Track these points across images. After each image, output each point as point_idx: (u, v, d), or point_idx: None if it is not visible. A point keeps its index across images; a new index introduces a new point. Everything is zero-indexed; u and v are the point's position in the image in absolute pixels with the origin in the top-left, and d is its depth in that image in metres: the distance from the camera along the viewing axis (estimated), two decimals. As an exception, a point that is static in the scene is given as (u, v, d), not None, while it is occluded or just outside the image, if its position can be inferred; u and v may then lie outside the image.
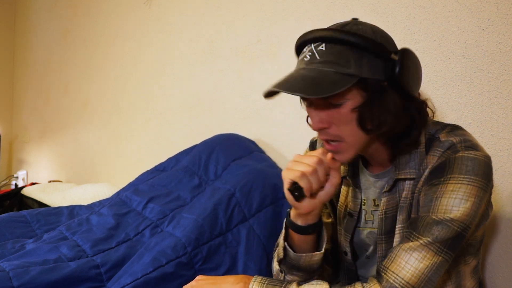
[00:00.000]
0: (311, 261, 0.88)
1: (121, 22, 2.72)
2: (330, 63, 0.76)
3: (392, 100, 0.78)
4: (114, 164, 2.83)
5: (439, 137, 0.82)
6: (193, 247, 1.27)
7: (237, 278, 0.85)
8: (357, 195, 0.94)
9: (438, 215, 0.76)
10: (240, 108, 1.88)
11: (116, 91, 2.79)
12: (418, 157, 0.83)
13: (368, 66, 0.76)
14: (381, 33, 0.80)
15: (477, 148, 0.79)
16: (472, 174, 0.76)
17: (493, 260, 1.13)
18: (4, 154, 4.01)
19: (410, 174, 0.84)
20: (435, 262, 0.74)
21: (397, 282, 0.74)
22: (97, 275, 1.21)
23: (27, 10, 3.93)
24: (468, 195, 0.75)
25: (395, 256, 0.77)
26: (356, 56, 0.75)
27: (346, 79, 0.75)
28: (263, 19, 1.79)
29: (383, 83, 0.77)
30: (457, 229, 0.75)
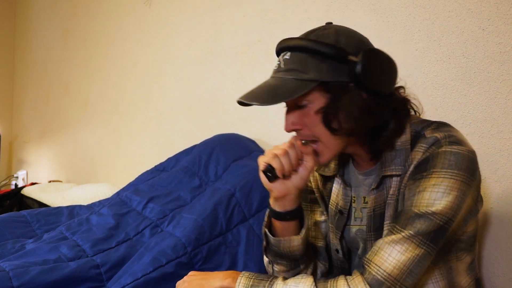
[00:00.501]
0: (291, 246, 0.91)
1: (121, 22, 2.72)
2: (292, 70, 0.80)
3: (358, 100, 0.80)
4: (114, 164, 2.83)
5: (424, 134, 0.83)
6: (193, 247, 1.27)
7: (226, 273, 0.88)
8: (347, 193, 0.95)
9: (420, 209, 0.77)
10: (240, 108, 1.87)
11: (116, 91, 2.80)
12: (404, 153, 0.84)
13: (328, 70, 0.78)
14: (347, 36, 0.81)
15: (461, 143, 0.80)
16: (455, 168, 0.77)
17: (493, 259, 1.13)
18: (4, 154, 4.01)
19: (396, 171, 0.85)
20: (417, 254, 0.75)
21: (379, 274, 0.76)
22: (97, 275, 1.21)
23: (27, 10, 3.93)
24: (450, 188, 0.76)
25: (378, 249, 0.78)
26: (316, 62, 0.79)
27: (304, 85, 0.78)
28: (263, 19, 1.79)
29: (347, 85, 0.79)
30: (439, 222, 0.76)
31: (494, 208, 1.12)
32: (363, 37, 0.84)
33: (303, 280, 0.81)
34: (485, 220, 1.13)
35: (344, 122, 0.80)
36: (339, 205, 0.97)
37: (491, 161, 1.12)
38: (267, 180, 0.86)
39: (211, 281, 0.87)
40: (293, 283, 0.81)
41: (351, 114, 0.79)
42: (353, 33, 0.83)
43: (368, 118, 0.81)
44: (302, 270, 0.96)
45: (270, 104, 0.79)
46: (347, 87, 0.79)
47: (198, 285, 0.88)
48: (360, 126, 0.81)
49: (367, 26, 1.38)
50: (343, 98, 0.79)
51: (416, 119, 0.88)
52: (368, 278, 0.76)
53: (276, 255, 0.94)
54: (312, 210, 1.04)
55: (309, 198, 1.04)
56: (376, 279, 0.76)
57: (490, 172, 1.12)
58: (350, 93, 0.79)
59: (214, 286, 0.86)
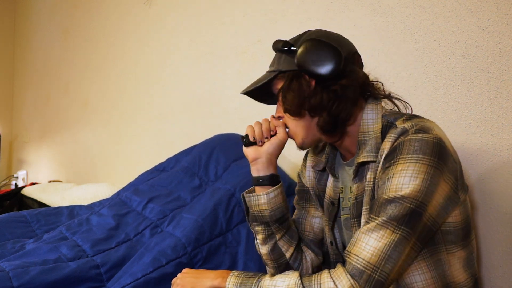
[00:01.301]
0: (260, 204, 1.01)
1: (121, 22, 2.72)
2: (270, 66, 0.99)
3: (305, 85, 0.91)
4: (114, 164, 2.83)
5: (395, 124, 0.88)
6: (193, 247, 1.27)
7: (217, 273, 0.91)
8: (336, 184, 1.02)
9: (389, 195, 0.80)
10: (240, 108, 1.88)
11: (116, 91, 2.80)
12: (374, 141, 0.89)
13: (284, 62, 0.94)
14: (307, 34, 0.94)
15: (427, 131, 0.83)
16: (420, 153, 0.80)
17: (493, 259, 1.13)
18: (4, 154, 4.01)
19: (368, 157, 0.89)
20: (393, 240, 0.78)
21: (358, 263, 0.78)
22: (97, 275, 1.21)
23: (27, 10, 3.93)
24: (417, 172, 0.79)
25: (356, 240, 0.81)
26: (277, 57, 0.97)
27: (268, 75, 0.97)
28: (263, 19, 1.79)
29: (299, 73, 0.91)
30: (410, 206, 0.78)
31: (494, 208, 1.12)
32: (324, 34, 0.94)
33: (289, 276, 0.85)
34: (485, 220, 1.13)
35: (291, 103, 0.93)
36: (331, 197, 1.03)
37: (491, 161, 1.12)
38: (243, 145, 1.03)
39: (202, 281, 0.90)
40: (280, 278, 0.85)
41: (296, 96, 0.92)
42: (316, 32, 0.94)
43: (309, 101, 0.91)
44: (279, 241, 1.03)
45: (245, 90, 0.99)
46: (298, 74, 0.92)
47: (190, 283, 0.92)
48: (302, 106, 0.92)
49: (367, 26, 1.38)
50: (293, 83, 0.92)
51: (391, 111, 0.94)
52: (349, 269, 0.79)
53: (253, 220, 1.04)
54: (307, 206, 1.12)
55: (305, 197, 1.13)
56: (356, 268, 0.78)
57: (490, 172, 1.12)
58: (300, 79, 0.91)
59: (205, 285, 0.90)
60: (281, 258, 1.05)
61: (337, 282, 0.79)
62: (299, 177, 1.15)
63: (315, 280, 0.81)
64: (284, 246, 1.04)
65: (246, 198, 1.03)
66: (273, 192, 1.00)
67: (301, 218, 1.12)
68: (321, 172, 1.07)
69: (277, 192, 1.01)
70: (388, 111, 0.94)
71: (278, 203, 1.01)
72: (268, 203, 1.00)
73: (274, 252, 1.04)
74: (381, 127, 0.90)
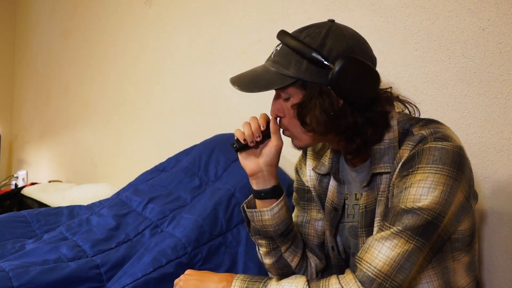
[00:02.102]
0: (263, 220, 0.95)
1: (121, 22, 2.72)
2: (277, 63, 0.85)
3: (331, 103, 0.81)
4: (114, 164, 2.83)
5: (412, 131, 0.84)
6: (193, 247, 1.27)
7: (221, 276, 0.88)
8: (341, 190, 0.97)
9: (407, 205, 0.78)
10: (240, 108, 1.88)
11: (116, 91, 2.80)
12: (392, 151, 0.85)
13: (307, 70, 0.81)
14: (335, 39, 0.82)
15: (447, 139, 0.80)
16: (440, 163, 0.77)
17: (493, 259, 1.12)
18: (4, 154, 4.01)
19: (385, 168, 0.86)
20: (407, 249, 0.76)
21: (370, 271, 0.76)
22: (97, 275, 1.21)
23: (27, 10, 3.93)
24: (436, 183, 0.77)
25: (368, 246, 0.79)
26: (297, 60, 0.82)
27: (282, 80, 0.83)
28: (263, 19, 1.79)
29: (324, 87, 0.81)
30: (427, 217, 0.76)
31: (494, 208, 1.11)
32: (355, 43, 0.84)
33: (297, 280, 0.82)
34: (485, 220, 1.13)
35: (315, 121, 0.83)
36: (334, 202, 0.98)
37: (491, 161, 1.12)
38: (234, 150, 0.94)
39: (207, 284, 0.87)
40: (287, 283, 0.83)
41: (322, 115, 0.82)
42: (344, 37, 0.83)
43: (338, 122, 0.83)
44: (284, 253, 0.99)
45: (248, 91, 0.85)
46: (323, 90, 0.81)
47: (193, 286, 0.88)
48: (330, 128, 0.83)
49: (367, 26, 1.38)
50: (317, 99, 0.82)
51: (405, 116, 0.89)
52: (359, 276, 0.77)
53: (255, 233, 0.98)
54: (309, 208, 1.07)
55: (306, 197, 1.07)
56: (367, 276, 0.76)
57: (490, 172, 1.12)
58: (325, 95, 0.81)
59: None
60: (286, 268, 1.01)
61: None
62: (297, 173, 1.09)
63: (323, 285, 0.79)
64: (290, 257, 1.00)
65: (248, 213, 0.97)
66: (277, 207, 0.95)
67: (305, 222, 1.06)
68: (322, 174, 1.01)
69: (281, 205, 0.95)
70: (401, 116, 0.89)
71: (282, 216, 0.96)
72: (272, 218, 0.95)
73: (279, 263, 1.00)
74: (398, 135, 0.86)
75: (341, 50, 0.81)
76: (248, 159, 0.94)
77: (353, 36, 0.85)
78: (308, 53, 0.80)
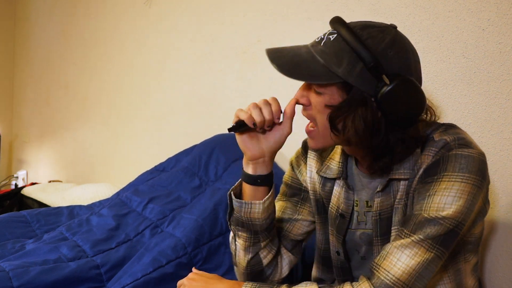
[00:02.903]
0: (252, 213, 0.89)
1: (121, 22, 2.72)
2: (326, 54, 0.78)
3: (370, 116, 0.77)
4: (114, 164, 2.83)
5: (433, 137, 0.82)
6: (193, 247, 1.28)
7: (228, 284, 0.86)
8: (349, 196, 0.92)
9: (430, 213, 0.76)
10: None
11: (116, 91, 2.80)
12: (413, 157, 0.82)
13: (358, 75, 0.76)
14: (398, 51, 0.78)
15: (470, 146, 0.79)
16: (466, 171, 0.76)
17: (493, 259, 1.13)
18: (4, 154, 4.01)
19: (404, 175, 0.83)
20: (427, 258, 0.74)
21: (387, 279, 0.75)
22: (97, 275, 1.21)
23: (27, 10, 3.93)
24: (461, 192, 0.75)
25: (386, 253, 0.77)
26: (351, 60, 0.76)
27: (328, 76, 0.77)
28: (263, 19, 1.79)
29: (368, 97, 0.77)
30: (449, 226, 0.75)
31: (494, 208, 1.12)
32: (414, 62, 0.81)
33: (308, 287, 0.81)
34: (486, 221, 1.13)
35: (347, 129, 0.78)
36: (340, 208, 0.93)
37: (491, 161, 1.11)
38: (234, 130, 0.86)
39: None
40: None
41: (357, 126, 0.77)
42: (406, 52, 0.79)
43: (371, 137, 0.78)
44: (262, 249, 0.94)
45: (288, 76, 0.78)
46: (367, 99, 0.77)
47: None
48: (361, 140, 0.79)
49: (367, 26, 1.38)
50: (357, 107, 0.77)
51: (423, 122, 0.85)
52: (376, 283, 0.75)
53: (238, 224, 0.92)
54: (302, 208, 1.02)
55: (302, 196, 1.02)
56: (384, 284, 0.74)
57: (490, 172, 1.11)
58: (367, 107, 0.77)
59: None
60: (257, 265, 0.95)
61: None
62: (293, 169, 1.03)
63: None
64: (264, 253, 0.95)
65: (236, 203, 0.91)
66: (269, 200, 0.90)
67: (292, 220, 1.01)
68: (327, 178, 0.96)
69: (272, 198, 0.91)
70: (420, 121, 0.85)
71: (271, 210, 0.92)
72: (262, 212, 0.89)
73: (252, 260, 0.95)
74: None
75: (401, 67, 0.78)
76: (250, 143, 0.88)
77: (413, 53, 0.82)
78: (368, 59, 0.75)
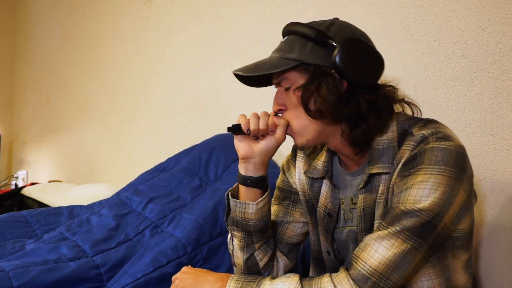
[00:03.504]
0: (246, 213, 0.93)
1: (121, 22, 2.72)
2: (280, 50, 0.86)
3: (336, 86, 0.81)
4: (114, 164, 2.83)
5: (412, 132, 0.83)
6: (193, 247, 1.28)
7: (217, 276, 0.88)
8: (335, 195, 0.94)
9: (407, 206, 0.77)
10: (240, 108, 1.88)
11: (116, 91, 2.80)
12: (391, 151, 0.84)
13: (311, 53, 0.82)
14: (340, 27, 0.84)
15: (449, 139, 0.79)
16: (442, 164, 0.77)
17: (492, 259, 1.13)
18: (4, 154, 4.01)
19: (384, 168, 0.84)
20: (403, 250, 0.76)
21: (364, 270, 0.76)
22: (97, 275, 1.21)
23: (27, 10, 3.93)
24: (437, 185, 0.76)
25: (365, 245, 0.79)
26: (301, 44, 0.83)
27: (285, 62, 0.83)
28: (263, 19, 1.79)
29: (327, 69, 0.81)
30: (426, 218, 0.76)
31: (494, 208, 1.12)
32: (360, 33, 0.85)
33: (290, 279, 0.83)
34: (485, 220, 1.13)
35: (320, 104, 0.81)
36: (327, 207, 0.96)
37: (491, 161, 1.12)
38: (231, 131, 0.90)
39: (202, 284, 0.87)
40: (280, 281, 0.83)
41: (327, 98, 0.81)
42: (348, 27, 0.85)
43: (343, 106, 0.81)
44: (257, 251, 0.96)
45: (249, 73, 0.85)
46: (327, 72, 0.81)
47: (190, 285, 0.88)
48: (335, 112, 0.82)
49: (367, 26, 1.38)
50: (321, 81, 0.81)
51: (403, 117, 0.87)
52: (353, 274, 0.77)
53: (233, 223, 0.96)
54: (293, 210, 1.04)
55: (293, 198, 1.04)
56: (361, 274, 0.76)
57: (490, 172, 1.12)
58: (329, 78, 0.81)
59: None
60: (253, 267, 0.98)
61: (339, 286, 0.77)
62: (284, 173, 1.06)
63: (316, 284, 0.80)
64: (260, 255, 0.97)
65: (232, 203, 0.95)
66: (262, 202, 0.93)
67: (285, 222, 1.03)
68: (314, 178, 0.99)
69: (266, 201, 0.94)
70: (399, 117, 0.87)
71: (264, 212, 0.94)
72: (256, 213, 0.93)
73: (248, 261, 0.97)
74: (397, 136, 0.85)
75: (345, 35, 0.82)
76: (243, 142, 0.92)
77: (357, 28, 0.86)
78: (313, 34, 0.81)
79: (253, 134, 0.89)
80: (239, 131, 0.89)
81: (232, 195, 0.96)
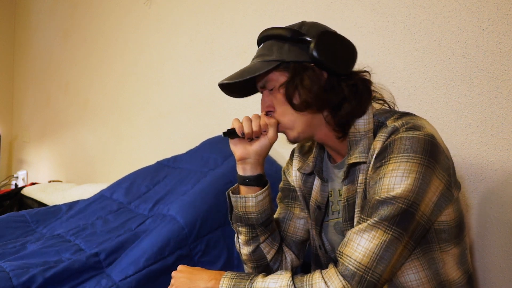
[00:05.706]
0: (246, 207, 0.97)
1: (121, 22, 2.72)
2: (260, 55, 0.91)
3: (318, 78, 0.87)
4: (114, 164, 2.83)
5: (386, 123, 0.87)
6: (193, 239, 1.29)
7: (211, 274, 0.90)
8: (324, 188, 0.99)
9: (381, 195, 0.79)
10: (240, 108, 1.88)
11: (116, 91, 2.80)
12: (367, 141, 0.88)
13: (289, 52, 0.88)
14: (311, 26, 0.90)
15: (418, 129, 0.82)
16: (411, 151, 0.79)
17: (492, 259, 1.13)
18: (4, 154, 4.01)
19: (361, 158, 0.87)
20: (385, 240, 0.77)
21: (351, 265, 0.78)
22: (96, 263, 1.22)
23: (27, 10, 3.93)
24: (408, 172, 0.78)
25: (347, 240, 0.80)
26: (278, 45, 0.89)
27: (267, 65, 0.88)
28: (263, 19, 1.79)
29: (307, 64, 0.87)
30: (402, 205, 0.78)
31: (494, 208, 1.12)
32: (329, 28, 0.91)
33: (282, 276, 0.84)
34: (485, 220, 1.13)
35: (305, 96, 0.87)
36: (317, 201, 1.00)
37: (491, 161, 1.12)
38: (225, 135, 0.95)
39: (196, 282, 0.89)
40: (272, 279, 0.84)
41: (312, 89, 0.86)
42: (319, 24, 0.91)
43: (328, 95, 0.87)
44: (262, 243, 1.00)
45: (234, 80, 0.89)
46: (307, 66, 0.87)
47: (184, 284, 0.90)
48: (320, 101, 0.87)
49: (367, 26, 1.38)
50: (303, 76, 0.87)
51: (381, 110, 0.91)
52: (341, 270, 0.79)
53: (237, 220, 1.00)
54: (293, 206, 1.09)
55: (291, 195, 1.09)
56: (348, 269, 0.78)
57: (490, 172, 1.12)
58: (310, 72, 0.87)
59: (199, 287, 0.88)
60: (261, 260, 1.02)
61: (329, 283, 0.78)
62: (284, 174, 1.12)
63: (307, 280, 0.81)
64: (266, 248, 1.02)
65: (232, 199, 0.99)
66: (262, 195, 0.97)
67: (286, 219, 1.09)
68: (307, 174, 1.04)
69: (265, 194, 0.98)
70: (378, 110, 0.92)
71: (265, 205, 0.98)
72: (256, 205, 0.97)
73: (255, 253, 1.02)
74: (373, 127, 0.89)
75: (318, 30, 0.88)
76: (238, 145, 0.96)
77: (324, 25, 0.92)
78: (288, 34, 0.88)
79: (248, 137, 0.94)
80: (234, 135, 0.94)
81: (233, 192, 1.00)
